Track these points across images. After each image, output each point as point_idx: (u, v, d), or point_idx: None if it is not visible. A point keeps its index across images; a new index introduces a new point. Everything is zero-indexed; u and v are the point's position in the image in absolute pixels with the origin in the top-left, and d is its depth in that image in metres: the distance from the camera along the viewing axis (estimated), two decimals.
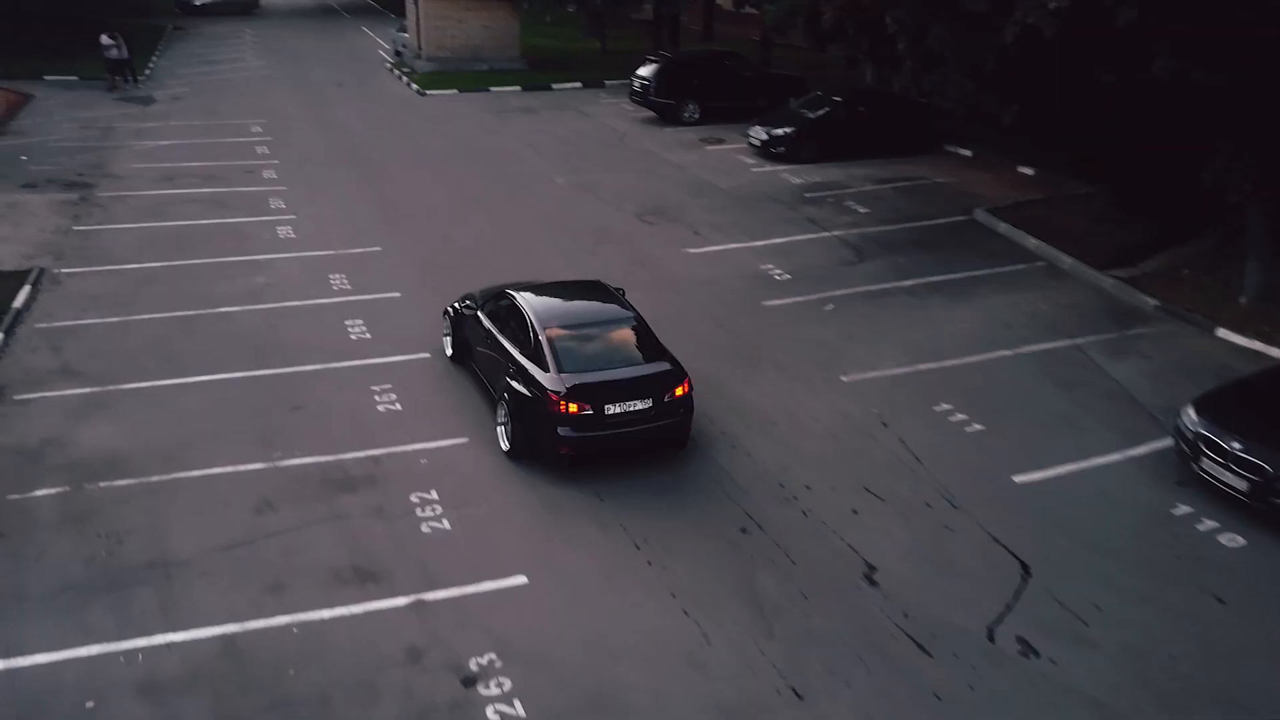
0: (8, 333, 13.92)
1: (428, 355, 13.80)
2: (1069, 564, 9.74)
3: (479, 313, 12.43)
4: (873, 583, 9.48)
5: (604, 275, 16.30)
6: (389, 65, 37.55)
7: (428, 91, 32.24)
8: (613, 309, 11.84)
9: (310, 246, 17.92)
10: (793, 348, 14.20)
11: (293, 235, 18.51)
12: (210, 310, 15.03)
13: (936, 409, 12.53)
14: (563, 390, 10.42)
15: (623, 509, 10.44)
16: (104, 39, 30.93)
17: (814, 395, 12.88)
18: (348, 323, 14.74)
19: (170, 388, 12.69)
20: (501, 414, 11.30)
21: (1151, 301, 15.54)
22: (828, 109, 24.29)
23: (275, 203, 20.37)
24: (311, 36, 45.87)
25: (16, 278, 15.81)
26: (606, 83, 34.07)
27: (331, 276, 16.49)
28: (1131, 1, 12.39)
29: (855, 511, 10.51)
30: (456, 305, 13.33)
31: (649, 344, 11.31)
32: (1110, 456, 11.51)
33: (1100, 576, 9.56)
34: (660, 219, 19.74)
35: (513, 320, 11.54)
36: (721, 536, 10.06)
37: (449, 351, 13.57)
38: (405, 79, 34.45)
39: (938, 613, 9.06)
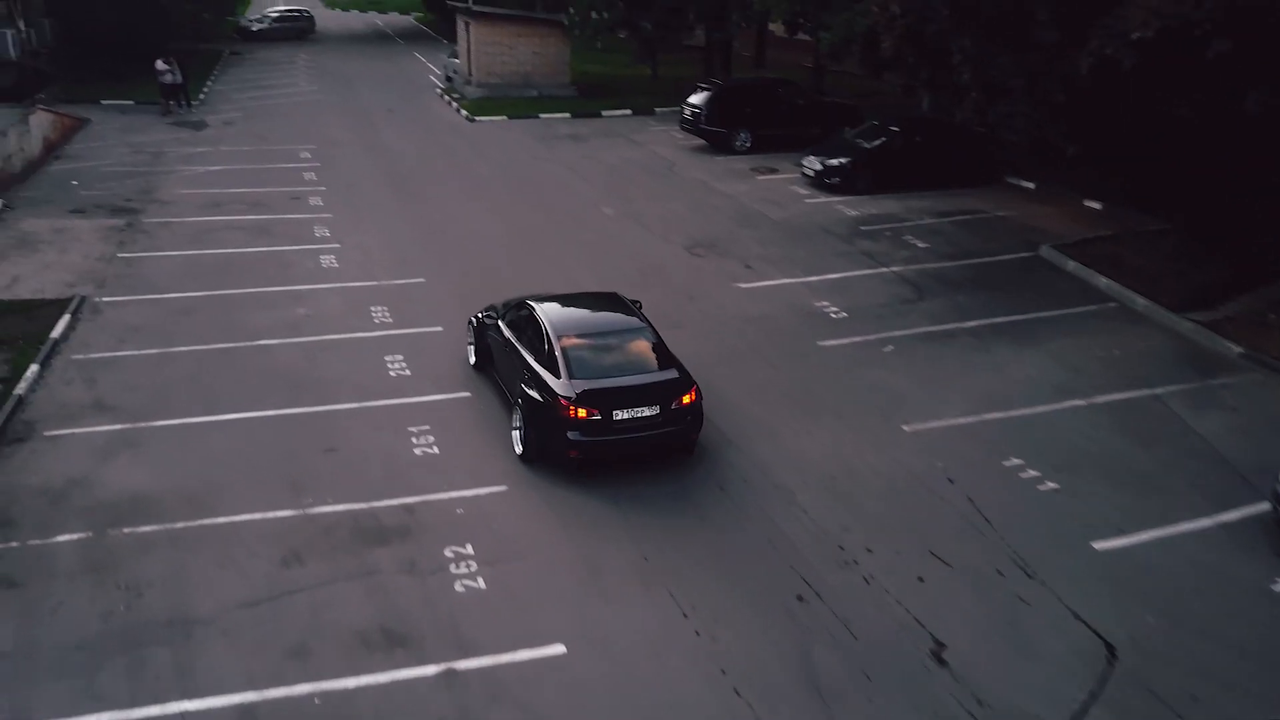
0: (44, 364, 13.58)
1: (468, 394, 13.22)
2: (1159, 646, 8.83)
3: (500, 322, 12.73)
4: (941, 662, 8.64)
5: (651, 310, 15.71)
6: (439, 91, 37.45)
7: (477, 118, 31.98)
8: (625, 319, 12.08)
9: (353, 277, 17.50)
10: (851, 393, 13.41)
11: (335, 265, 18.11)
12: (248, 343, 14.61)
13: (1006, 464, 11.67)
14: (573, 396, 10.68)
15: (670, 570, 9.72)
16: (159, 64, 31.12)
17: (874, 446, 12.07)
18: (387, 358, 14.22)
19: (202, 425, 12.23)
20: (516, 419, 11.62)
21: (1235, 348, 14.52)
22: (884, 139, 23.50)
23: (320, 231, 20.03)
24: (364, 62, 46.08)
25: (58, 306, 15.55)
26: (657, 110, 33.58)
27: (373, 309, 16.03)
28: (1223, 33, 11.53)
29: (921, 579, 9.68)
30: (480, 315, 13.62)
31: (659, 353, 11.49)
32: (1199, 522, 10.57)
33: (1195, 661, 8.64)
34: (710, 251, 19.07)
35: (530, 329, 11.81)
36: (776, 604, 9.29)
37: (471, 359, 13.81)
38: (455, 104, 34.26)
39: (1014, 700, 8.20)
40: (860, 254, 18.91)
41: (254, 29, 53.66)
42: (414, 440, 12.01)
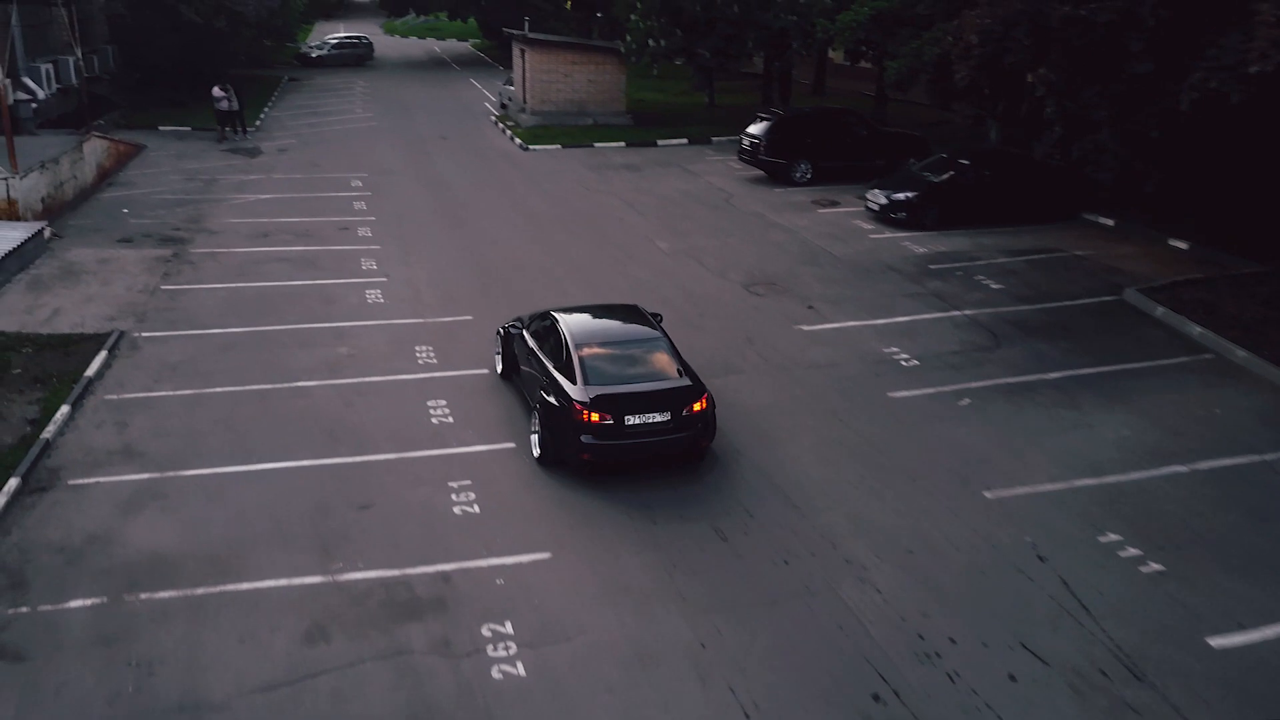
0: (75, 405, 13.02)
1: (512, 445, 12.37)
2: None
3: (524, 331, 13.14)
4: None
5: (707, 353, 14.87)
6: (494, 118, 37.04)
7: (531, 146, 31.42)
8: (642, 330, 12.37)
9: (398, 313, 16.82)
10: (925, 452, 12.32)
11: (381, 300, 17.46)
12: (286, 384, 13.93)
13: (1102, 540, 10.50)
14: (586, 400, 11.03)
15: (729, 659, 8.72)
16: (216, 91, 31.07)
17: (954, 515, 10.97)
18: (430, 404, 13.45)
19: (233, 476, 11.51)
20: (534, 423, 11.98)
21: None
22: (953, 172, 22.39)
23: (367, 263, 19.43)
24: (420, 88, 45.98)
25: (95, 341, 15.03)
26: (713, 139, 32.79)
27: (418, 348, 15.30)
28: None
29: (1013, 678, 8.57)
30: (507, 325, 13.97)
31: (672, 363, 11.76)
32: None
33: None
34: (770, 290, 18.10)
35: (552, 338, 12.17)
36: (851, 706, 8.24)
37: (499, 369, 14.19)
38: (509, 132, 33.77)
39: None
40: (930, 295, 17.81)
41: (313, 55, 54.03)
42: (454, 497, 11.18)
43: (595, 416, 10.98)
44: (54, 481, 11.30)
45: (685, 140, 32.60)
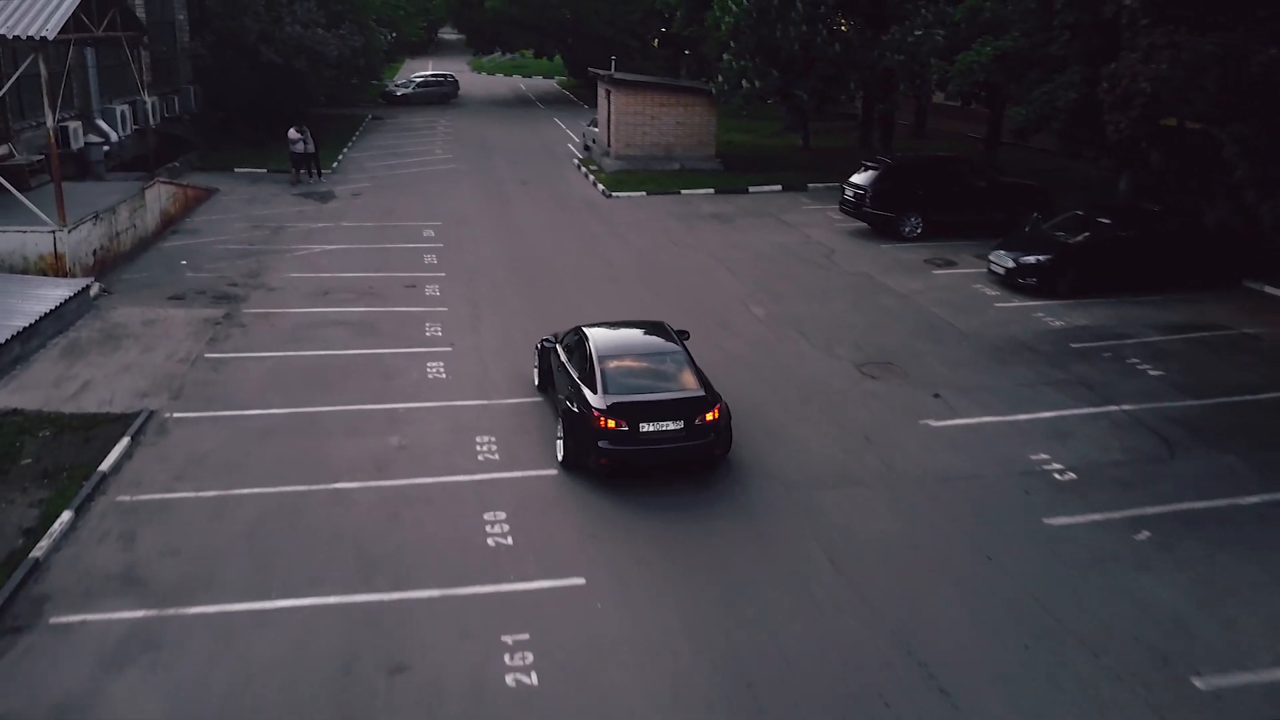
0: (80, 510, 11.15)
1: (581, 581, 10.07)
2: None
3: (557, 345, 13.64)
4: None
5: (821, 455, 12.45)
6: (576, 161, 35.19)
7: (614, 193, 29.38)
8: (663, 343, 12.86)
9: (461, 392, 14.73)
10: (1106, 613, 9.62)
11: (443, 375, 15.41)
12: (325, 485, 11.88)
13: None
14: (604, 407, 11.47)
15: None
16: (292, 133, 29.80)
17: (1158, 715, 8.27)
18: (487, 517, 11.24)
19: (246, 617, 9.42)
20: (559, 429, 12.44)
21: None
22: (1090, 232, 19.57)
23: (432, 329, 17.46)
24: (503, 128, 44.55)
25: (120, 424, 13.24)
26: (810, 186, 30.35)
27: (479, 440, 13.14)
28: None
29: None
30: (544, 340, 14.33)
31: (689, 374, 12.13)
32: None
33: None
34: (886, 372, 15.55)
35: (579, 351, 12.62)
36: None
37: (536, 381, 14.62)
38: (592, 177, 31.83)
39: None
40: (1077, 383, 15.05)
41: (398, 94, 53.26)
42: (507, 659, 8.89)
43: (612, 423, 11.41)
44: (35, 618, 9.34)
45: (779, 187, 30.22)
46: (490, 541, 10.78)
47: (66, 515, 10.91)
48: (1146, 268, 19.33)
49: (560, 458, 12.30)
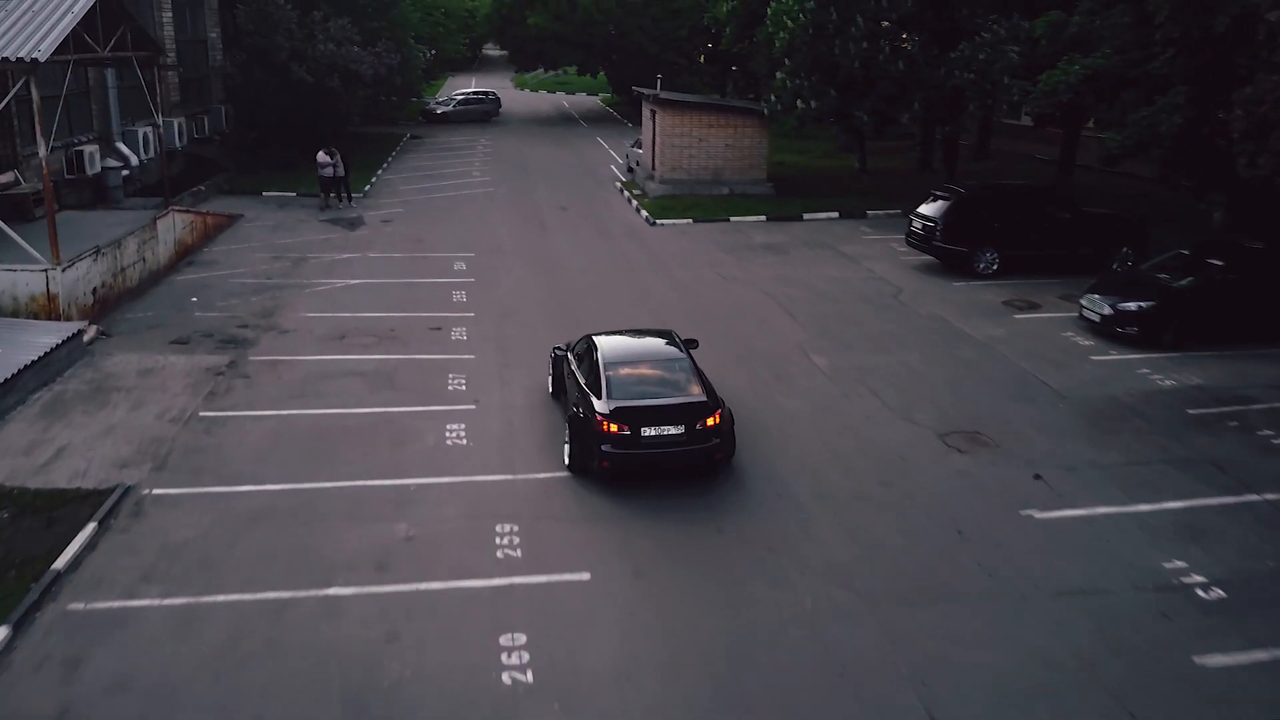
0: (20, 624, 9.27)
1: None
2: None
3: (569, 354, 13.67)
4: None
5: (906, 556, 10.24)
6: (619, 185, 33.22)
7: (658, 220, 27.36)
8: (668, 350, 12.94)
9: (482, 463, 12.75)
10: None
11: (464, 440, 13.44)
12: (315, 592, 9.93)
13: None
14: (606, 412, 11.57)
15: None
16: (321, 156, 28.15)
17: None
18: (504, 641, 9.20)
19: None
20: (566, 434, 12.46)
21: None
22: (1200, 274, 17.19)
23: (455, 381, 15.53)
24: (545, 148, 42.78)
25: (90, 503, 11.43)
26: (869, 213, 28.12)
27: (499, 530, 11.13)
28: None
29: None
30: (558, 349, 14.45)
31: (692, 381, 12.15)
32: None
33: None
34: (974, 444, 13.32)
35: (588, 358, 12.68)
36: None
37: (550, 388, 14.70)
38: (634, 202, 29.85)
39: None
40: (1203, 462, 12.70)
41: (438, 112, 51.79)
42: None
43: (614, 427, 11.55)
44: None
45: (836, 214, 28.02)
46: (506, 676, 8.74)
47: (3, 632, 9.05)
48: (1266, 315, 16.90)
49: (566, 462, 12.47)
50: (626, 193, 31.55)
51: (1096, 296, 17.64)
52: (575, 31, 51.97)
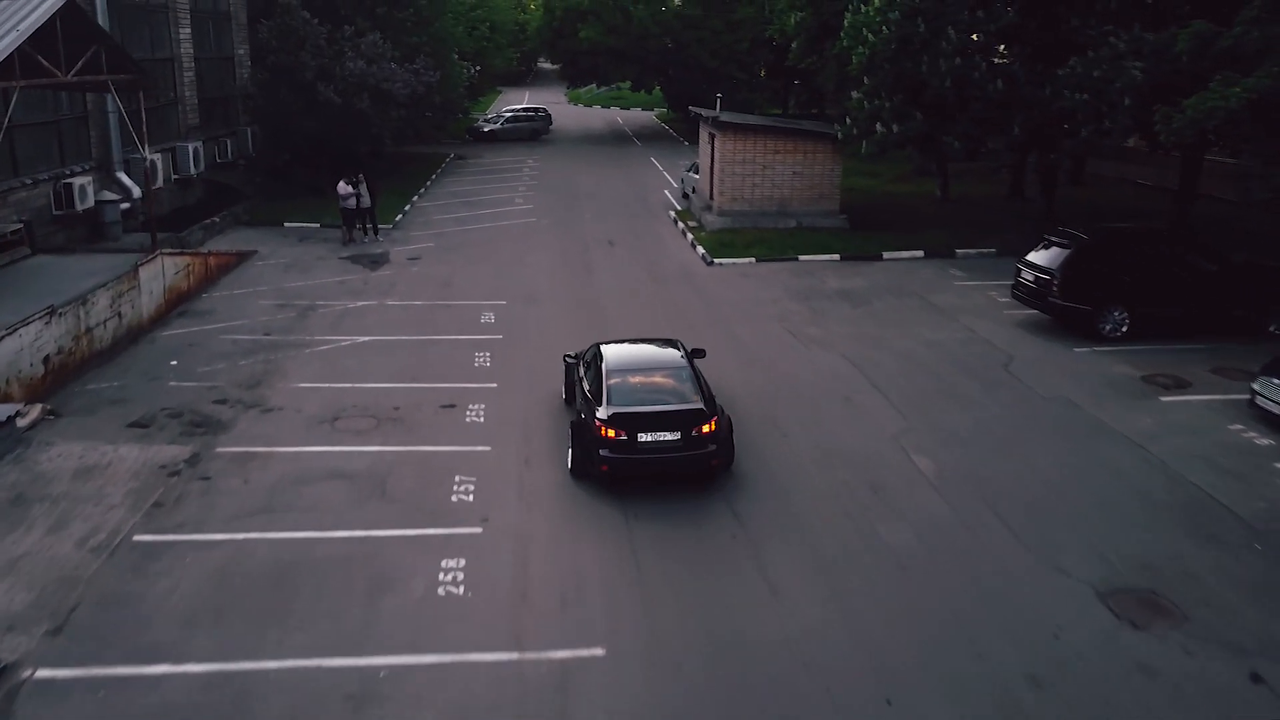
0: None
1: None
2: None
3: (580, 362, 13.74)
4: None
5: None
6: (673, 214, 29.72)
7: (717, 260, 23.85)
8: (671, 358, 13.08)
9: (483, 631, 9.37)
10: None
11: (460, 589, 10.06)
12: None
13: None
14: (605, 418, 11.68)
15: None
16: (342, 186, 25.13)
17: None
18: None
19: None
20: (570, 439, 12.60)
21: None
22: None
23: (462, 488, 12.20)
24: (595, 170, 39.50)
25: None
26: (958, 252, 24.30)
27: None
28: None
29: None
30: (569, 357, 14.44)
31: (693, 389, 12.21)
32: None
33: None
34: (1154, 615, 9.58)
35: (595, 366, 12.79)
36: None
37: (564, 395, 14.58)
38: (690, 236, 26.37)
39: None
40: None
41: (485, 130, 48.89)
42: None
43: (612, 433, 11.61)
44: None
45: (920, 253, 24.25)
46: None
47: None
48: None
49: (569, 466, 12.49)
50: (681, 224, 28.07)
51: (1273, 380, 13.73)
52: (629, 45, 48.71)
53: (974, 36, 22.77)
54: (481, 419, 14.41)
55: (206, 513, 11.57)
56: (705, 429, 11.73)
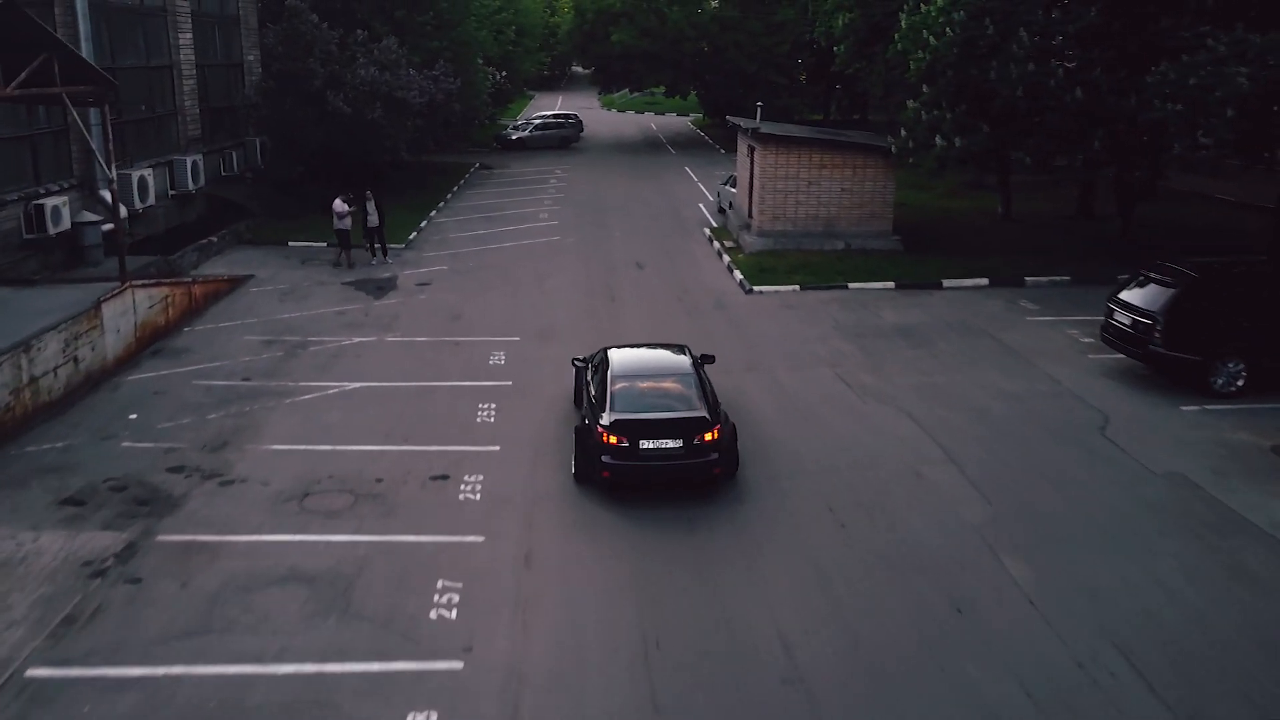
0: None
1: None
2: None
3: (588, 366, 13.44)
4: None
5: None
6: (708, 232, 27.18)
7: (756, 287, 21.28)
8: (677, 364, 12.70)
9: None
10: None
11: None
12: None
13: None
14: (607, 424, 11.49)
15: None
16: (338, 205, 22.75)
17: None
18: None
19: None
20: (573, 444, 12.42)
21: None
22: None
23: (445, 597, 9.80)
24: (626, 181, 37.03)
25: None
26: (1027, 280, 21.53)
27: None
28: None
29: None
30: (576, 360, 14.04)
31: (695, 395, 11.92)
32: None
33: None
34: None
35: (601, 371, 12.60)
36: None
37: (575, 399, 14.16)
38: (727, 258, 23.82)
39: None
40: None
41: (513, 137, 46.59)
42: None
43: (613, 439, 11.40)
44: None
45: (985, 281, 21.51)
46: None
47: None
48: None
49: (573, 471, 12.21)
50: (717, 243, 25.52)
51: None
52: (664, 49, 46.16)
53: (1051, 40, 19.98)
54: (477, 496, 11.98)
55: (126, 634, 9.23)
56: (708, 437, 11.51)
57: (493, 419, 14.36)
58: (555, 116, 49.83)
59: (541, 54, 60.23)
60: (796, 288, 21.24)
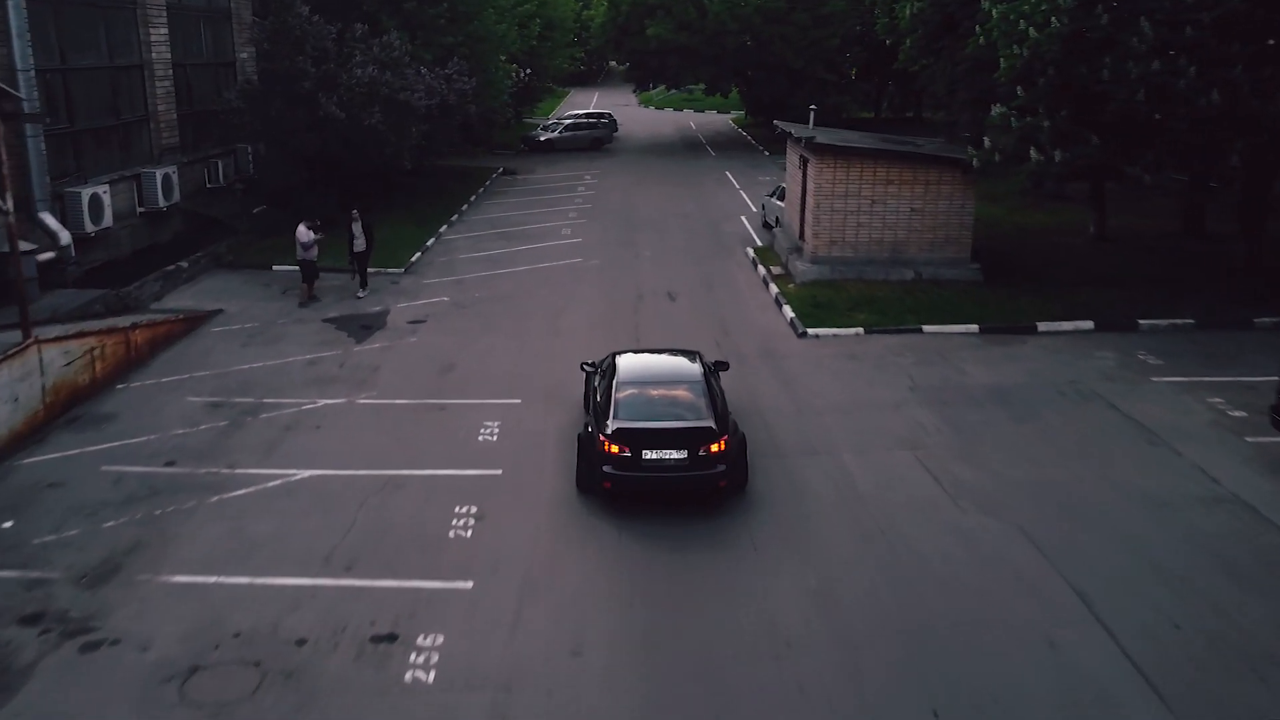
0: None
1: None
2: None
3: (597, 371, 12.84)
4: None
5: None
6: (752, 254, 23.40)
7: (810, 330, 17.51)
8: (685, 371, 12.14)
9: None
10: None
11: None
12: None
13: None
14: (609, 432, 10.94)
15: None
16: (302, 232, 18.96)
17: None
18: None
19: None
20: (577, 451, 11.85)
21: None
22: None
23: None
24: (661, 188, 33.32)
25: None
26: (1141, 323, 17.53)
27: None
28: None
29: None
30: (585, 364, 13.60)
31: (703, 404, 11.32)
32: None
33: None
34: None
35: (608, 376, 11.99)
36: None
37: (583, 403, 13.37)
38: (774, 288, 20.04)
39: None
40: None
41: (541, 139, 43.08)
42: None
43: (615, 448, 10.91)
44: None
45: (1090, 324, 17.53)
46: None
47: None
48: None
49: (575, 480, 11.70)
50: (763, 268, 21.76)
51: None
52: (703, 43, 42.27)
53: (1181, 30, 15.93)
54: (431, 674, 8.42)
55: None
56: (714, 448, 10.91)
57: (469, 532, 10.80)
58: (587, 116, 46.28)
59: (574, 49, 56.54)
60: (860, 330, 17.45)
